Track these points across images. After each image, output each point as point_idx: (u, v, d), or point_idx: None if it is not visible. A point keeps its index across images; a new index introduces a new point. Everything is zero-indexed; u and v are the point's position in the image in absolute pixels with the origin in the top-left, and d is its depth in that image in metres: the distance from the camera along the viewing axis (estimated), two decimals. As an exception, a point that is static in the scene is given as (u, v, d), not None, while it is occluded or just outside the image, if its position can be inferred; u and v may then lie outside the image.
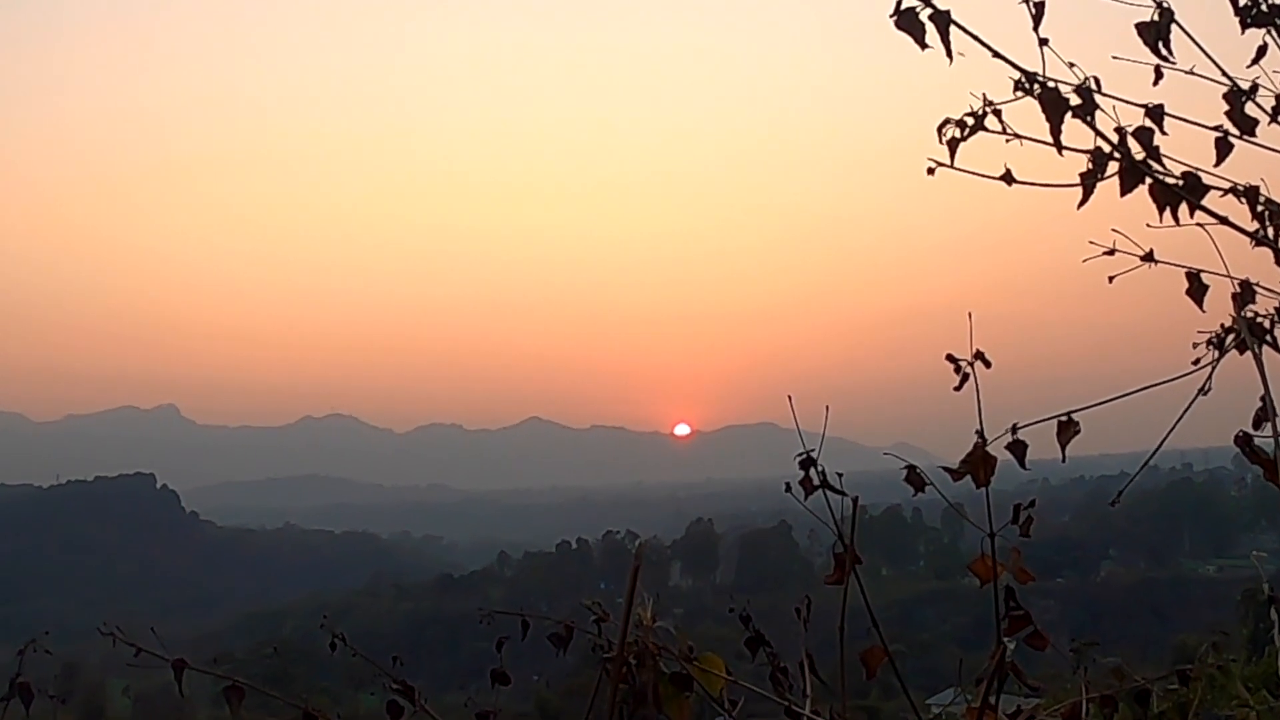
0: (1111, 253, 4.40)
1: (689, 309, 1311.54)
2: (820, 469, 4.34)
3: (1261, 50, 4.59)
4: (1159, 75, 4.50)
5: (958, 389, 4.19)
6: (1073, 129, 4.41)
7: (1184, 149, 4.49)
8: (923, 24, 4.36)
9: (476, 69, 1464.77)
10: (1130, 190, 4.45)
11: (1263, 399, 3.94)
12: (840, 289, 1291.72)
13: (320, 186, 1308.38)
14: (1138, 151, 4.45)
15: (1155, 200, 4.46)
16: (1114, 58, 4.50)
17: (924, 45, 4.35)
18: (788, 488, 4.37)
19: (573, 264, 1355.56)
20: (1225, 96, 4.57)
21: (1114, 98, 4.41)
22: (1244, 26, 4.62)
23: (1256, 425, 3.93)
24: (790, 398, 4.58)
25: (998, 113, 4.40)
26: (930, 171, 4.38)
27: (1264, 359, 4.08)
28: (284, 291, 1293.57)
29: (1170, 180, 4.46)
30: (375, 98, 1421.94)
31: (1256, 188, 4.46)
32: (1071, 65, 4.39)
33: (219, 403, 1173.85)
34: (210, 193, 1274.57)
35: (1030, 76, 4.40)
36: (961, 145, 4.39)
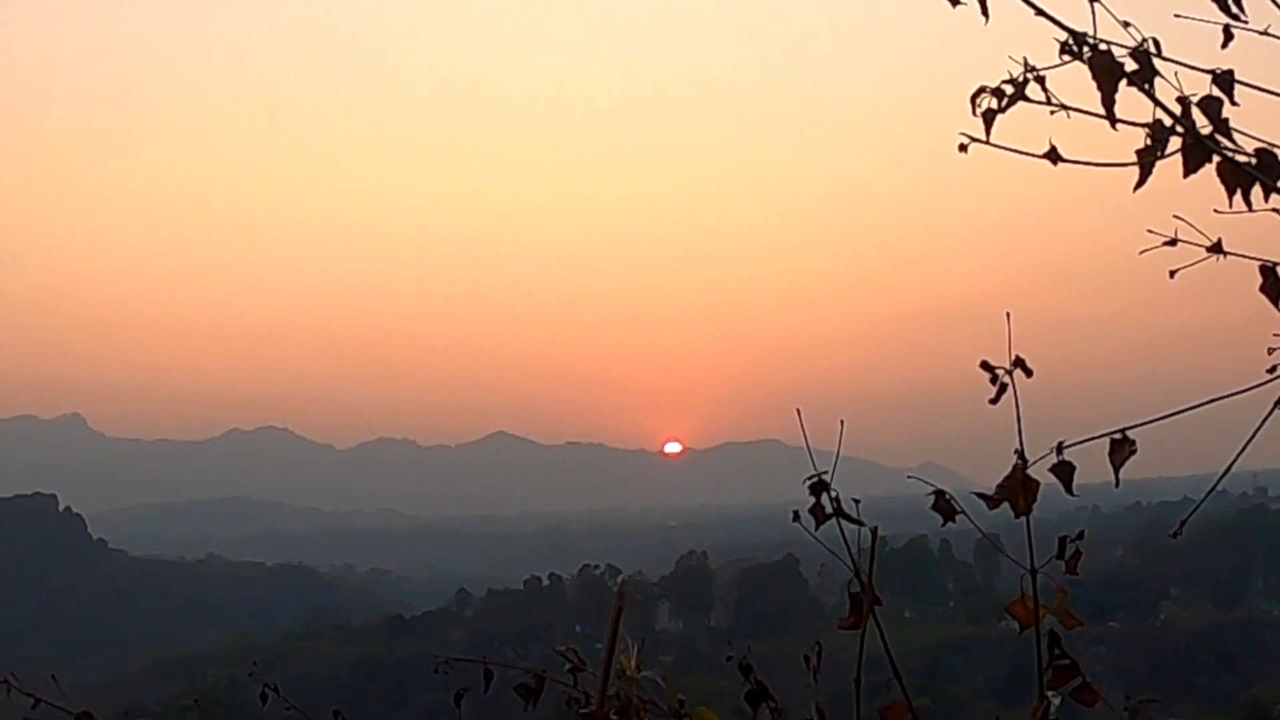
0: (1173, 243, 4.39)
1: (681, 305, 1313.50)
2: (833, 494, 4.33)
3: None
4: (1229, 37, 4.49)
5: (994, 402, 4.18)
6: (1128, 99, 4.40)
7: (1258, 122, 4.47)
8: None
9: (444, 36, 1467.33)
10: (1195, 170, 4.43)
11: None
12: (857, 282, 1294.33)
13: (248, 157, 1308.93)
14: (1204, 125, 4.42)
15: (1224, 182, 4.43)
16: (1176, 16, 4.49)
17: (956, 1, 4.34)
18: (795, 516, 4.37)
19: (544, 252, 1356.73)
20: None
21: (1176, 62, 4.40)
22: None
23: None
24: (799, 411, 4.58)
25: (1041, 80, 4.39)
26: (962, 148, 4.38)
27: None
28: (208, 283, 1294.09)
29: (1241, 158, 4.44)
30: (327, 69, 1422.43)
31: (1343, 168, 4.45)
32: (1126, 25, 4.38)
33: (131, 413, 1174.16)
34: (116, 164, 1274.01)
35: (1079, 38, 4.39)
36: (999, 117, 4.38)
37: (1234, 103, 4.43)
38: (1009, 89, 4.39)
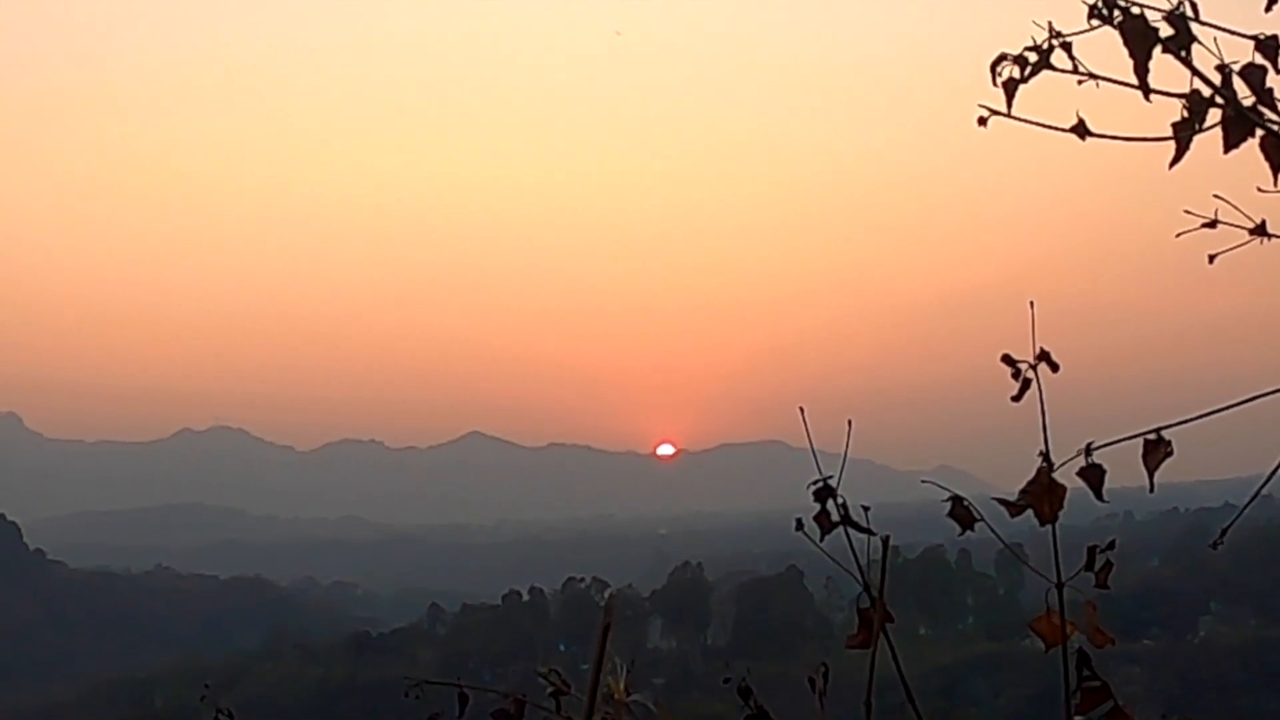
0: (1213, 224, 4.39)
1: (675, 294, 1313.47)
2: (841, 500, 4.34)
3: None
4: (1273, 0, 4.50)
5: (1016, 399, 4.19)
6: (1163, 67, 4.40)
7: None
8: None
9: (406, 5, 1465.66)
10: (1236, 145, 4.43)
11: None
12: (866, 268, 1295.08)
13: (193, 139, 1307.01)
14: (1245, 96, 4.42)
15: (1268, 157, 4.43)
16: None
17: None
18: (799, 524, 4.38)
19: (523, 236, 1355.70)
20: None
21: (1215, 27, 4.39)
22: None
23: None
24: (802, 409, 4.59)
25: (1067, 46, 4.39)
26: (982, 121, 4.37)
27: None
28: (156, 272, 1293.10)
29: (1287, 133, 4.44)
30: (276, 47, 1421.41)
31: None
32: (1162, -14, 4.38)
33: (72, 412, 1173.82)
34: (51, 147, 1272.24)
35: (1109, 1, 4.39)
36: (1022, 88, 4.38)
37: (1279, 71, 4.42)
38: (1033, 56, 4.39)
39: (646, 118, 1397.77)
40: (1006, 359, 4.17)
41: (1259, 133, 4.43)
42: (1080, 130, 4.40)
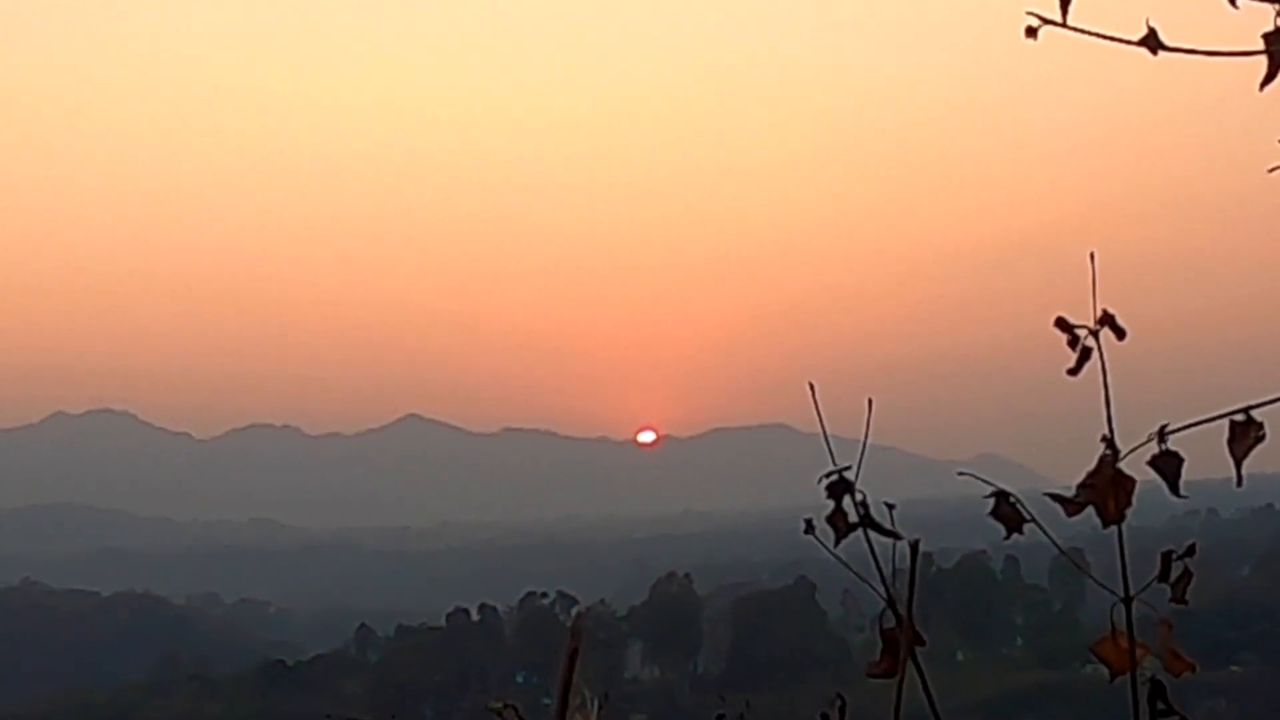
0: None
1: (656, 247, 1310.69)
2: (860, 496, 4.32)
3: None
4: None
5: (1073, 372, 4.19)
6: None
7: None
8: None
9: None
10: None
11: None
12: (891, 214, 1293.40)
13: (63, 81, 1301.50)
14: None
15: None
16: None
17: None
18: (809, 526, 4.38)
19: (469, 176, 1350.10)
20: None
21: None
22: None
23: None
24: (812, 386, 4.55)
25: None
26: (1030, 33, 4.38)
27: None
28: (22, 228, 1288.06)
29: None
30: None
31: None
32: None
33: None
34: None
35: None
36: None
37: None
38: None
39: (621, 32, 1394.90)
40: (1061, 323, 4.17)
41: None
42: (1151, 43, 4.40)
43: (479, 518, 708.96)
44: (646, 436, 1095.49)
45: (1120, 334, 4.20)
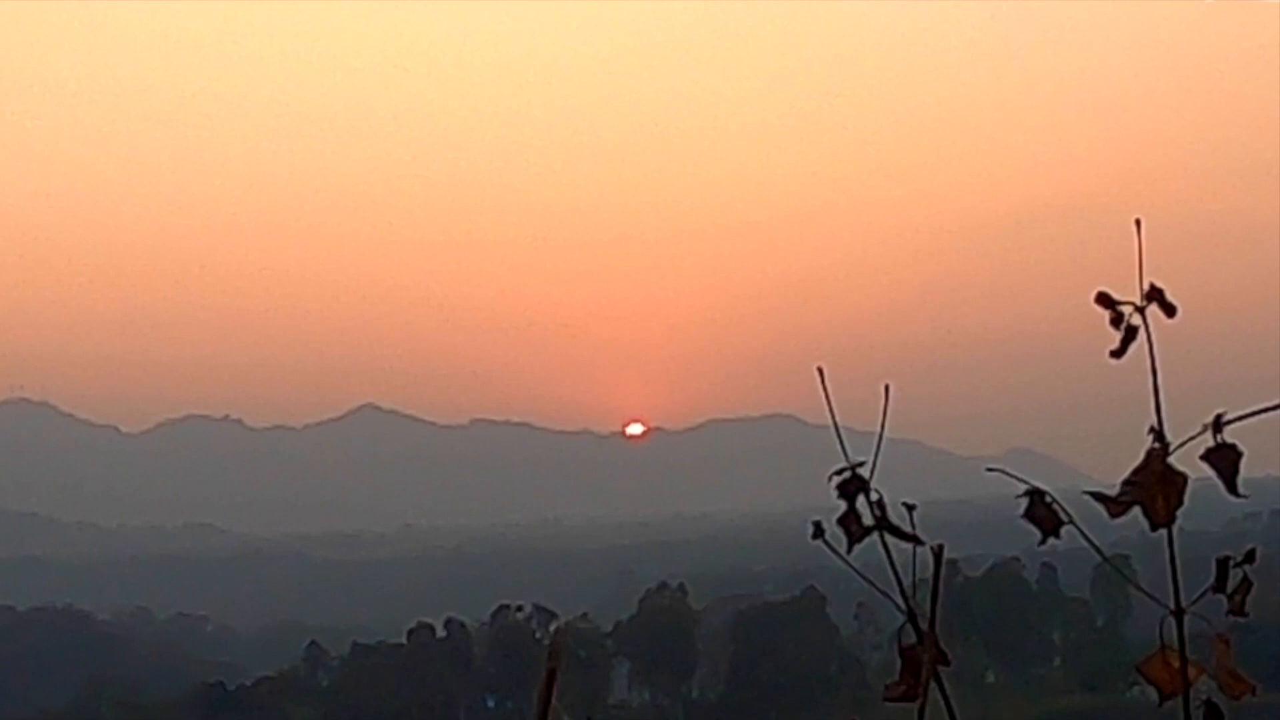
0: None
1: (645, 217, 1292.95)
2: (876, 496, 4.20)
3: None
4: None
5: (1118, 355, 3.98)
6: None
7: None
8: None
9: None
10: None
11: None
12: (908, 181, 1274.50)
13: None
14: None
15: None
16: None
17: None
18: (818, 530, 4.23)
19: (435, 140, 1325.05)
20: None
21: None
22: None
23: None
24: (821, 371, 4.37)
25: None
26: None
27: None
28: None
29: None
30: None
31: None
32: None
33: None
34: None
35: None
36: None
37: None
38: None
39: None
40: (1103, 299, 3.84)
41: None
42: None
43: (445, 521, 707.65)
44: (634, 429, 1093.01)
45: (1170, 311, 3.98)
